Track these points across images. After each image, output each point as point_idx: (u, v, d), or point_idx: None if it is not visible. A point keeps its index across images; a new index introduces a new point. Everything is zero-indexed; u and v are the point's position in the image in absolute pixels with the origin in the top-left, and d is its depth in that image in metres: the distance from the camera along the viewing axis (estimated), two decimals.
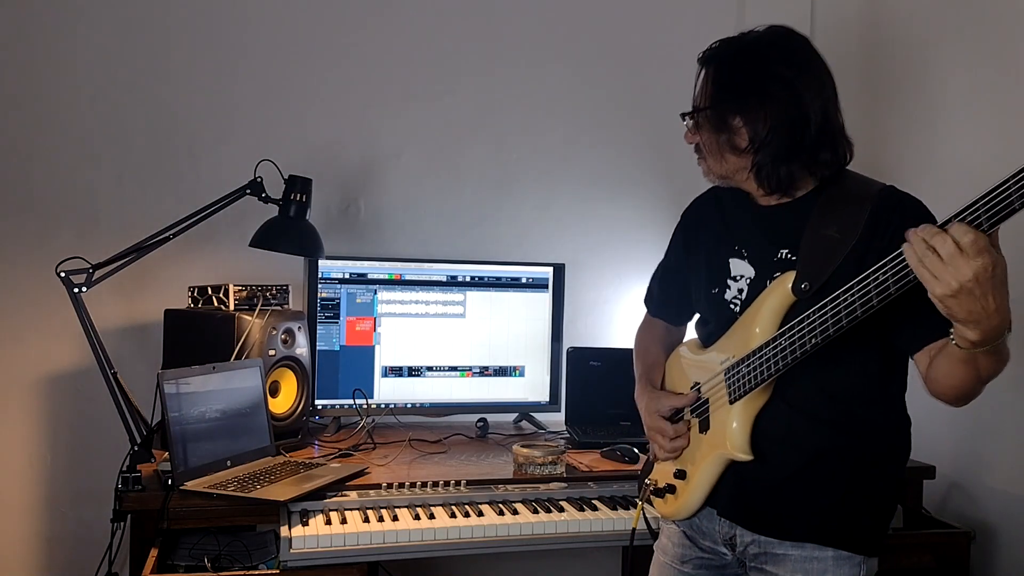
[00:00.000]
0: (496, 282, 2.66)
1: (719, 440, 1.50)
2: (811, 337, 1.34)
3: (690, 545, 1.62)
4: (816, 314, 1.33)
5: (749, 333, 1.46)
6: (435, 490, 1.99)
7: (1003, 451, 2.29)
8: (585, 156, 2.88)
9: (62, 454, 2.49)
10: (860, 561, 1.46)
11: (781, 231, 1.49)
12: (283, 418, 2.28)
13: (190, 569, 1.83)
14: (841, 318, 1.29)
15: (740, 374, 1.45)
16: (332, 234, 2.59)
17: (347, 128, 2.69)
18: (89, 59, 2.51)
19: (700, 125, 1.52)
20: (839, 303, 1.29)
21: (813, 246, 1.43)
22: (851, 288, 1.27)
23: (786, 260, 1.47)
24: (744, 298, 1.51)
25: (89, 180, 2.52)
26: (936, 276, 1.13)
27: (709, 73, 1.51)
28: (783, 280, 1.43)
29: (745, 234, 1.54)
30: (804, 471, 1.45)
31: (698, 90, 1.53)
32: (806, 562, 1.45)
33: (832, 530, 1.45)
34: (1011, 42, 2.28)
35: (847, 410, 1.44)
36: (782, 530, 1.47)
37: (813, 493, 1.45)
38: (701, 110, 1.51)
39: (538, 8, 2.82)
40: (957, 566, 2.10)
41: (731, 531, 1.53)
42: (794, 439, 1.45)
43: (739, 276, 1.53)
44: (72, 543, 2.48)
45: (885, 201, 1.44)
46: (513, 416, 2.72)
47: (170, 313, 2.32)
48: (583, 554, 2.73)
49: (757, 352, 1.42)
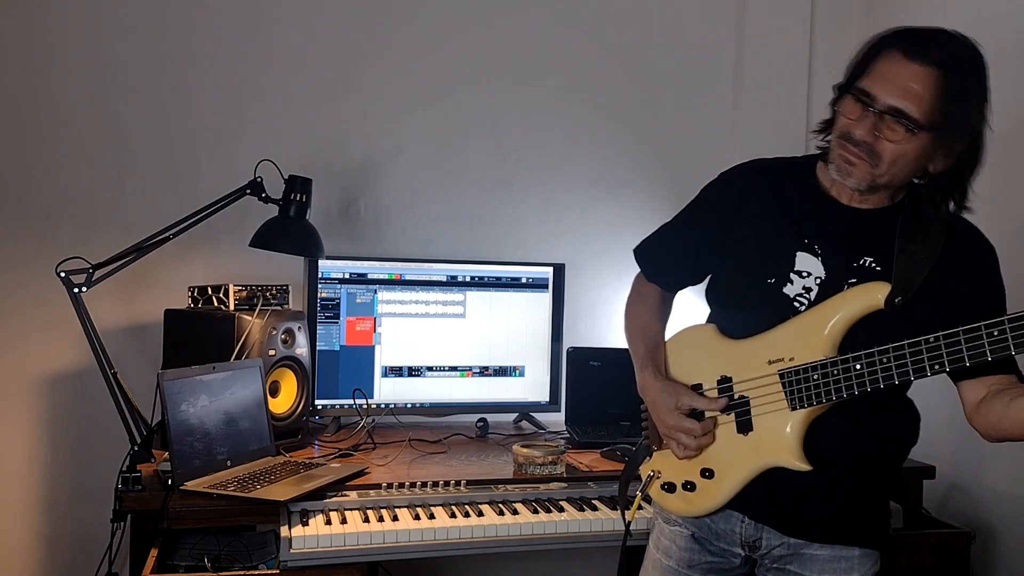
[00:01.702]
0: (496, 282, 2.66)
1: (769, 446, 1.43)
2: (934, 363, 1.28)
3: (699, 549, 1.55)
4: (945, 339, 1.27)
5: (815, 336, 1.39)
6: (435, 490, 1.99)
7: (1003, 451, 2.28)
8: (585, 156, 2.88)
9: (62, 454, 2.49)
10: (878, 557, 1.49)
11: (867, 238, 1.42)
12: (283, 418, 2.28)
13: (190, 569, 1.83)
14: (986, 351, 1.24)
15: (810, 382, 1.38)
16: (332, 234, 2.59)
17: (347, 128, 2.69)
18: (89, 59, 2.50)
19: (907, 138, 1.32)
20: (979, 335, 1.23)
21: (905, 261, 1.36)
22: (1000, 323, 1.22)
23: (870, 269, 1.40)
24: (813, 298, 1.42)
25: (89, 180, 2.52)
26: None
27: (940, 80, 1.31)
28: (874, 288, 1.36)
29: (819, 230, 1.44)
30: (844, 476, 1.44)
31: (916, 94, 1.31)
32: (834, 561, 1.45)
33: (862, 531, 1.46)
34: (1011, 43, 2.28)
35: (889, 418, 1.45)
36: (816, 533, 1.46)
37: (850, 497, 1.45)
38: (929, 128, 1.31)
39: (538, 8, 2.82)
40: (957, 566, 2.10)
41: (757, 534, 1.49)
42: (842, 447, 1.43)
43: (806, 273, 1.44)
44: (72, 543, 2.48)
45: (964, 231, 1.43)
46: (513, 416, 2.72)
47: (170, 313, 2.32)
48: (583, 554, 2.73)
49: (840, 364, 1.35)
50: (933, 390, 2.48)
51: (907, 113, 1.31)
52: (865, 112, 1.34)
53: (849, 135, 1.36)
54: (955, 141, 1.35)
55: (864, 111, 1.34)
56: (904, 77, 1.32)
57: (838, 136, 1.38)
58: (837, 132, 1.39)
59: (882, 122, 1.33)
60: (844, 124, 1.37)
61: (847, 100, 1.38)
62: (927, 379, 1.31)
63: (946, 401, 2.46)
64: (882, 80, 1.33)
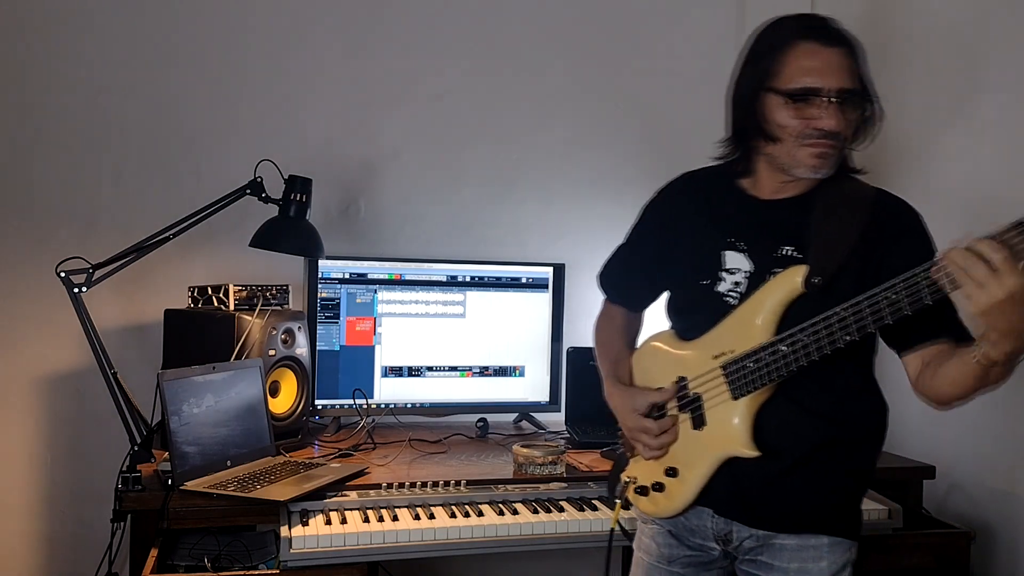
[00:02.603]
0: (496, 282, 2.66)
1: (720, 437, 1.48)
2: (844, 334, 1.32)
3: (677, 544, 1.60)
4: (851, 309, 1.32)
5: (750, 327, 1.44)
6: (435, 490, 1.99)
7: (1003, 451, 2.29)
8: (585, 156, 2.88)
9: (62, 454, 2.49)
10: (849, 546, 1.51)
11: (784, 226, 1.48)
12: (283, 418, 2.28)
13: (190, 569, 1.83)
14: (884, 315, 1.28)
15: (746, 370, 1.44)
16: (332, 234, 2.59)
17: (347, 128, 2.69)
18: (89, 59, 2.51)
19: (847, 109, 1.42)
20: (879, 298, 1.28)
21: (820, 242, 1.42)
22: (894, 285, 1.27)
23: (790, 256, 1.46)
24: (743, 291, 1.49)
25: (89, 180, 2.52)
26: (982, 284, 1.14)
27: (852, 53, 1.43)
28: (792, 274, 1.42)
29: (741, 227, 1.52)
30: (802, 464, 1.47)
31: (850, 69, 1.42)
32: (802, 551, 1.48)
33: (828, 519, 1.49)
34: (1012, 39, 2.28)
35: (840, 402, 1.47)
36: (782, 523, 1.48)
37: (811, 485, 1.47)
38: (870, 95, 1.44)
39: (538, 8, 2.82)
40: (957, 566, 2.10)
41: (727, 527, 1.53)
42: (793, 433, 1.46)
43: (735, 269, 1.51)
44: (72, 543, 2.48)
45: (885, 204, 1.48)
46: (513, 416, 2.72)
47: (170, 313, 2.32)
48: (583, 554, 2.73)
49: (768, 348, 1.41)
50: None
51: (853, 89, 1.41)
52: (821, 104, 1.39)
53: (820, 131, 1.40)
54: (873, 101, 1.45)
55: (820, 104, 1.39)
56: (834, 61, 1.41)
57: (801, 137, 1.42)
58: (796, 134, 1.42)
59: (839, 106, 1.40)
60: (803, 124, 1.41)
61: (782, 104, 1.42)
62: None
63: None
64: (817, 70, 1.40)
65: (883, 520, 2.03)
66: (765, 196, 1.52)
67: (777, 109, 1.43)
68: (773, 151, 1.46)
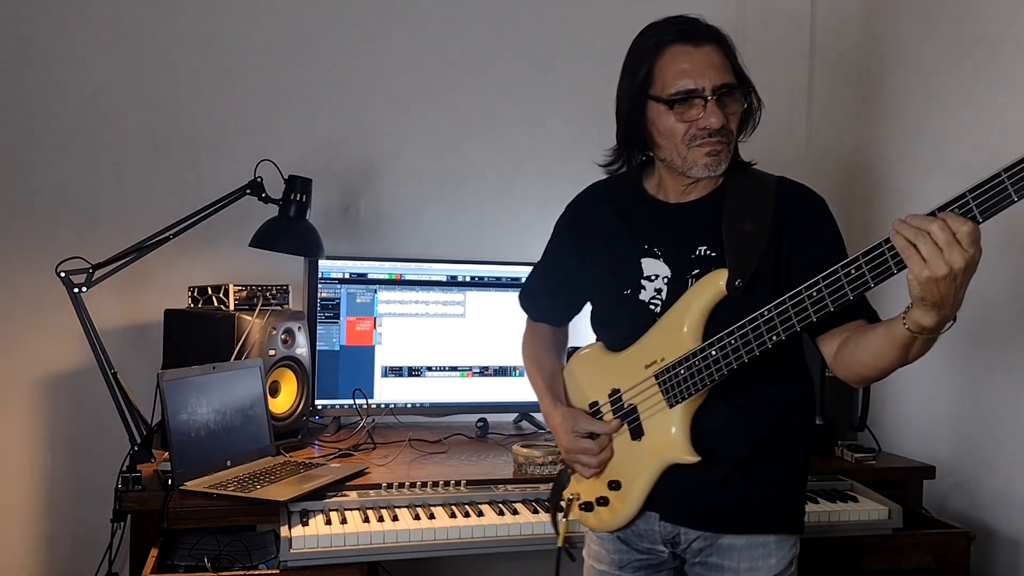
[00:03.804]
0: (496, 282, 2.66)
1: (660, 446, 1.48)
2: (771, 335, 1.33)
3: (627, 549, 1.59)
4: (776, 311, 1.32)
5: (677, 334, 1.44)
6: (435, 490, 1.99)
7: (1003, 451, 2.29)
8: (585, 156, 2.86)
9: (62, 454, 2.49)
10: (795, 541, 1.52)
11: (696, 228, 1.49)
12: (283, 418, 2.28)
13: (190, 569, 1.83)
14: (809, 313, 1.29)
15: (679, 377, 1.43)
16: (332, 234, 2.59)
17: (347, 128, 2.69)
18: (89, 59, 2.51)
19: (728, 104, 1.44)
20: (802, 298, 1.29)
21: (735, 241, 1.43)
22: (816, 284, 1.28)
23: (706, 257, 1.47)
24: (665, 298, 1.49)
25: (89, 180, 2.52)
26: (926, 259, 1.15)
27: (722, 48, 1.45)
28: (714, 277, 1.42)
29: (655, 232, 1.52)
30: (743, 463, 1.47)
31: (723, 64, 1.43)
32: (750, 548, 1.49)
33: (774, 518, 1.50)
34: (1011, 40, 2.28)
35: (772, 395, 1.48)
36: (727, 524, 1.49)
37: (754, 483, 1.48)
38: (748, 84, 1.46)
39: (538, 8, 2.82)
40: (957, 566, 2.10)
41: (674, 531, 1.52)
42: (732, 433, 1.47)
43: (654, 276, 1.51)
44: (72, 543, 2.48)
45: (788, 193, 1.50)
46: (513, 416, 2.72)
47: (170, 313, 2.31)
48: None
49: (699, 354, 1.41)
50: (933, 391, 2.49)
51: (730, 83, 1.43)
52: (701, 104, 1.41)
53: (706, 130, 1.42)
54: (751, 91, 1.47)
55: (700, 104, 1.41)
56: (706, 59, 1.42)
57: (689, 139, 1.43)
58: (686, 136, 1.44)
59: (721, 102, 1.42)
60: (688, 126, 1.43)
61: (665, 111, 1.44)
62: (925, 379, 1.31)
63: (945, 402, 2.47)
64: (692, 72, 1.42)
65: (883, 520, 2.03)
66: (673, 200, 1.53)
67: (661, 116, 1.45)
68: (666, 156, 1.48)
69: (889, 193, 2.72)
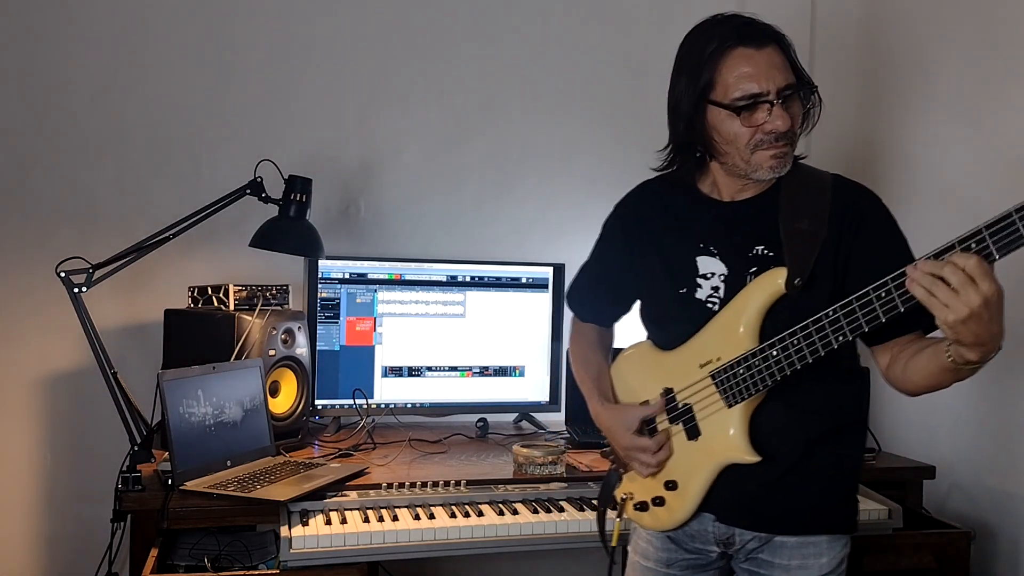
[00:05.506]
0: (496, 282, 2.66)
1: (718, 446, 1.47)
2: (837, 335, 1.31)
3: (675, 548, 1.58)
4: (842, 311, 1.30)
5: (733, 333, 1.43)
6: (435, 490, 1.99)
7: (1003, 451, 2.29)
8: (585, 156, 2.88)
9: (62, 454, 2.49)
10: (847, 540, 1.52)
11: (752, 226, 1.48)
12: (283, 418, 2.28)
13: (190, 569, 1.83)
14: (878, 313, 1.27)
15: (738, 377, 1.42)
16: (332, 234, 2.59)
17: (347, 128, 2.70)
18: (89, 59, 2.51)
19: (791, 105, 1.41)
20: (869, 299, 1.27)
21: (792, 240, 1.42)
22: (884, 284, 1.26)
23: (764, 256, 1.45)
24: (723, 296, 1.48)
25: (89, 180, 2.52)
26: (947, 305, 1.15)
27: (782, 49, 1.42)
28: (772, 276, 1.41)
29: (710, 231, 1.51)
30: (800, 464, 1.46)
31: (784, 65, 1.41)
32: (802, 547, 1.48)
33: (827, 518, 1.50)
34: (1013, 40, 2.28)
35: (828, 395, 1.47)
36: (783, 525, 1.48)
37: (810, 483, 1.47)
38: (810, 84, 1.43)
39: (538, 7, 2.82)
40: (957, 566, 2.10)
41: (729, 532, 1.52)
42: (789, 434, 1.46)
43: (710, 274, 1.50)
44: (72, 543, 2.48)
45: (844, 191, 1.48)
46: (513, 416, 2.72)
47: (170, 313, 2.31)
48: (583, 554, 2.73)
49: (759, 354, 1.39)
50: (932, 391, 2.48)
51: (794, 83, 1.41)
52: (767, 108, 1.39)
53: (772, 134, 1.40)
54: (812, 90, 1.45)
55: (766, 108, 1.39)
56: (769, 61, 1.40)
57: (755, 143, 1.41)
58: (751, 141, 1.41)
59: (784, 105, 1.39)
60: (754, 131, 1.41)
61: (729, 116, 1.41)
62: None
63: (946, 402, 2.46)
64: (756, 75, 1.39)
65: (883, 520, 2.03)
66: (727, 198, 1.52)
67: (724, 122, 1.42)
68: (728, 160, 1.46)
69: (889, 193, 2.71)
